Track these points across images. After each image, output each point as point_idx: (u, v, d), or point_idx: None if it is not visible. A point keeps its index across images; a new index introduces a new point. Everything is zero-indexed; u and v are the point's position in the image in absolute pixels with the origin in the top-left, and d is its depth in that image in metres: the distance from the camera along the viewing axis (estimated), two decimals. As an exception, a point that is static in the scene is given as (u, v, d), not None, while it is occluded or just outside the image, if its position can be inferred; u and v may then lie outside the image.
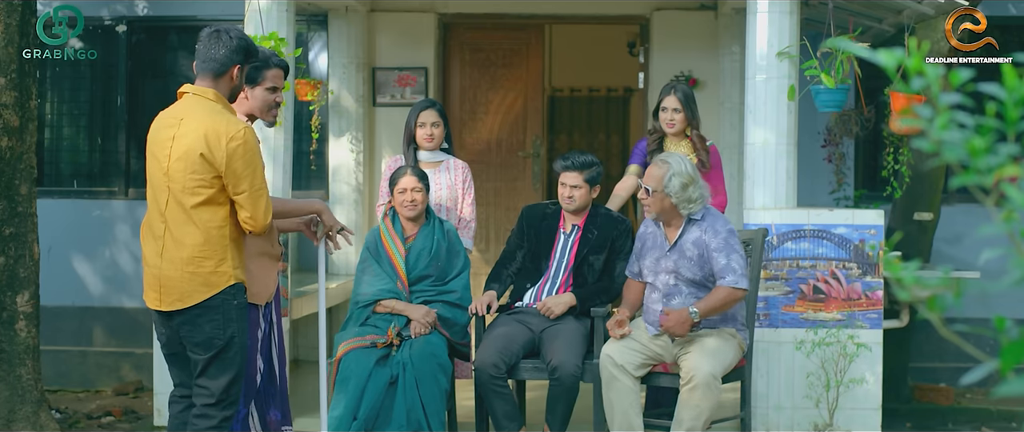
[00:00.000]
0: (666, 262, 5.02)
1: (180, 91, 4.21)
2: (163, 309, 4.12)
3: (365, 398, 5.05)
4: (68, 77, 8.35)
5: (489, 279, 5.59)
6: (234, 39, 4.14)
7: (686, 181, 4.90)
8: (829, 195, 7.55)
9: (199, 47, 4.17)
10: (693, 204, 4.92)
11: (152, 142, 4.18)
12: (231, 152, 4.00)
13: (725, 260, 4.86)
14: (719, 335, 4.98)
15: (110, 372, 8.05)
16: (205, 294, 4.06)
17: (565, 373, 5.08)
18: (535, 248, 5.54)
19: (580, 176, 5.41)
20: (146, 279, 4.18)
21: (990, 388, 7.14)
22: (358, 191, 7.92)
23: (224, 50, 4.12)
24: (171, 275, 4.07)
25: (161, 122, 4.17)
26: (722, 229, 4.92)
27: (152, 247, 4.13)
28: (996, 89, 1.64)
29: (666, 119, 5.84)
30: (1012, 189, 1.63)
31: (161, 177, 4.11)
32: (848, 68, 5.78)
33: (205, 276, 4.06)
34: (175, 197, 4.05)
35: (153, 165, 4.16)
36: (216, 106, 4.09)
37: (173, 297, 4.09)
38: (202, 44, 4.16)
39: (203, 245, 4.05)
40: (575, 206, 5.46)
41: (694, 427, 4.79)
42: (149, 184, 4.21)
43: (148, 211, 4.21)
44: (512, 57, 8.68)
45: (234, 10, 6.87)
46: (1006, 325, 1.63)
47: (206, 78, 4.14)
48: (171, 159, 4.06)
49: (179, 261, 4.06)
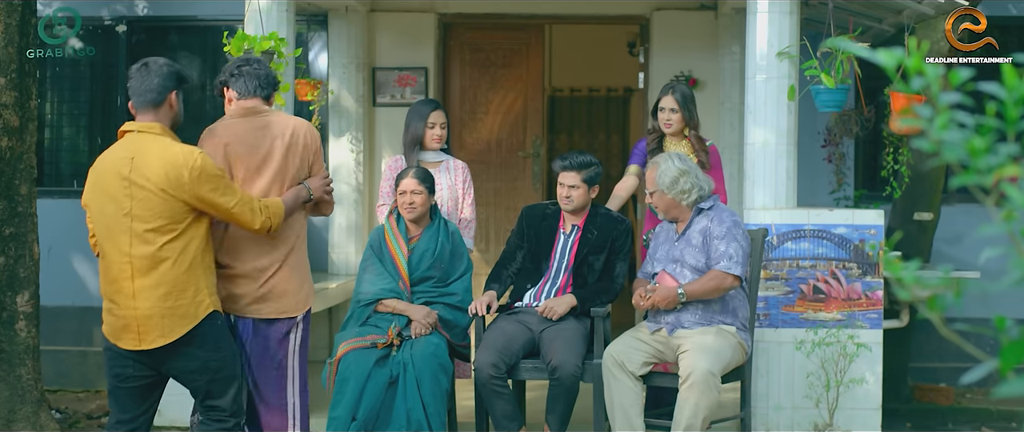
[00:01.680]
0: (674, 251, 5.13)
1: (122, 130, 4.17)
2: (144, 348, 4.08)
3: (364, 398, 5.05)
4: (68, 77, 8.35)
5: (489, 279, 5.59)
6: (163, 66, 4.18)
7: (676, 174, 5.04)
8: (829, 195, 7.55)
9: (132, 84, 4.16)
10: (689, 193, 5.05)
11: (101, 185, 4.09)
12: (195, 180, 4.02)
13: (724, 247, 4.97)
14: (718, 333, 4.99)
15: (110, 372, 8.05)
16: (187, 326, 4.07)
17: (565, 373, 5.08)
18: (535, 248, 5.54)
19: (578, 176, 5.41)
20: (116, 323, 4.09)
21: (990, 388, 7.15)
22: (358, 191, 7.92)
23: (157, 79, 4.14)
24: (149, 315, 4.04)
25: (108, 165, 4.10)
26: (727, 219, 5.04)
27: (122, 291, 4.06)
28: (996, 89, 1.64)
29: (663, 119, 5.86)
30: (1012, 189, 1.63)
31: (121, 219, 4.04)
32: (848, 68, 5.78)
33: (185, 308, 4.07)
34: (141, 238, 4.02)
35: (108, 207, 4.07)
36: (164, 139, 4.11)
37: (154, 335, 4.06)
38: (134, 80, 4.16)
39: (178, 279, 4.04)
40: (573, 206, 5.46)
41: (693, 425, 4.80)
42: (103, 227, 4.10)
43: (105, 257, 4.11)
44: (512, 57, 8.68)
45: (234, 10, 6.87)
46: (1006, 325, 1.63)
47: (147, 112, 4.14)
48: (133, 200, 4.02)
49: (156, 299, 4.03)
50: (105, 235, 4.09)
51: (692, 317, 5.03)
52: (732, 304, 5.07)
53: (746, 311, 5.15)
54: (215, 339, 4.15)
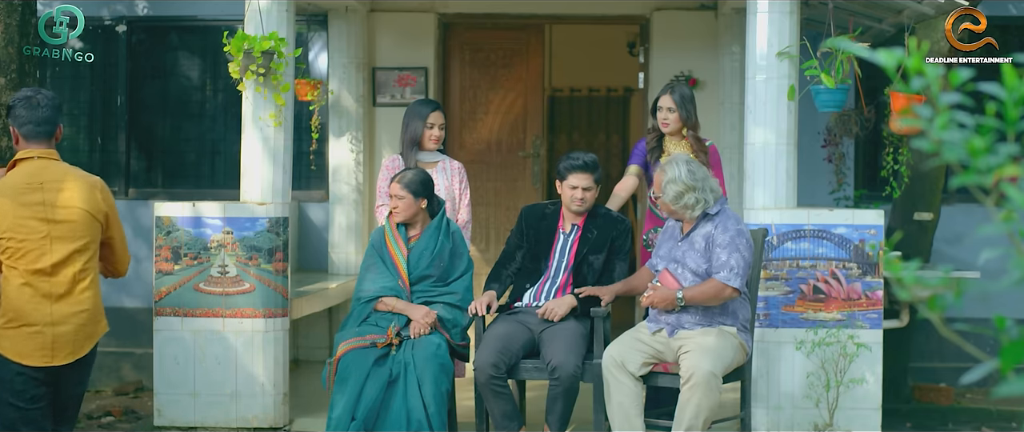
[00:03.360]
0: (676, 252, 5.12)
1: (18, 158, 4.22)
2: (55, 364, 4.14)
3: (363, 398, 5.05)
4: (68, 77, 8.35)
5: (489, 279, 5.59)
6: (49, 98, 4.26)
7: (681, 190, 4.98)
8: (829, 195, 7.55)
9: (23, 113, 4.20)
10: (691, 210, 5.01)
11: (15, 211, 4.11)
12: (108, 201, 4.27)
13: (725, 257, 4.93)
14: (719, 334, 4.99)
15: (110, 372, 8.05)
16: (91, 344, 4.24)
17: (565, 374, 5.08)
18: (534, 248, 5.54)
19: (591, 177, 5.40)
20: (29, 341, 4.10)
21: (990, 388, 7.14)
22: (358, 191, 7.92)
23: (49, 111, 4.23)
24: (66, 332, 4.14)
25: (20, 190, 4.13)
26: (731, 228, 5.00)
27: (43, 309, 4.11)
28: (996, 89, 1.64)
29: (661, 118, 5.87)
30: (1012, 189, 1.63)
31: (40, 241, 4.11)
32: (848, 68, 5.78)
33: (94, 326, 4.25)
34: (66, 258, 4.14)
35: (31, 227, 4.11)
36: (66, 165, 4.28)
37: (66, 351, 4.16)
38: (26, 111, 4.19)
39: (94, 298, 4.23)
40: (586, 207, 5.45)
41: (694, 426, 4.80)
42: (17, 252, 4.11)
43: (18, 276, 4.11)
44: (512, 57, 8.68)
45: (234, 10, 6.87)
46: (1006, 325, 1.63)
47: (41, 142, 4.22)
48: (56, 221, 4.13)
49: (74, 317, 4.16)
50: (18, 255, 4.11)
51: (692, 318, 5.03)
52: (732, 306, 5.07)
53: (746, 313, 5.14)
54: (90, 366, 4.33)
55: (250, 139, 6.09)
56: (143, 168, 8.32)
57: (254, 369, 6.04)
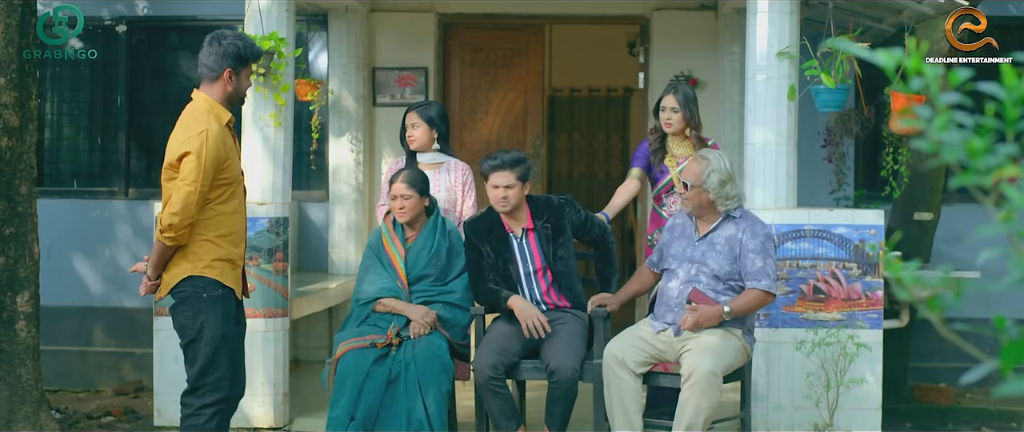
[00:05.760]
0: (693, 252, 5.05)
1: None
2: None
3: (363, 398, 5.06)
4: (68, 77, 8.35)
5: (476, 293, 5.44)
6: (224, 43, 4.42)
7: (725, 178, 4.96)
8: (829, 195, 7.55)
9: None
10: (730, 201, 4.98)
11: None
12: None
13: (761, 263, 4.91)
14: (722, 334, 4.98)
15: (110, 372, 8.05)
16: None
17: (563, 376, 5.07)
18: (494, 261, 5.38)
19: (512, 174, 5.24)
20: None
21: (990, 388, 7.14)
22: (358, 191, 7.92)
23: (213, 56, 4.43)
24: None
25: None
26: (760, 232, 4.97)
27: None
28: (995, 89, 1.64)
29: (664, 118, 5.85)
30: (1011, 189, 1.63)
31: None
32: (848, 68, 5.78)
33: None
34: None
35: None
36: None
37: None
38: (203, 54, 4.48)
39: None
40: (510, 206, 5.28)
41: (694, 425, 4.79)
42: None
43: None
44: (512, 57, 8.68)
45: (234, 10, 6.87)
46: (1006, 325, 1.63)
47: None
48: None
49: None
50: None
51: (696, 319, 5.01)
52: (758, 310, 5.07)
53: (752, 316, 5.13)
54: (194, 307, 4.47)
55: (250, 139, 6.09)
56: (143, 168, 8.31)
57: (254, 369, 6.03)
